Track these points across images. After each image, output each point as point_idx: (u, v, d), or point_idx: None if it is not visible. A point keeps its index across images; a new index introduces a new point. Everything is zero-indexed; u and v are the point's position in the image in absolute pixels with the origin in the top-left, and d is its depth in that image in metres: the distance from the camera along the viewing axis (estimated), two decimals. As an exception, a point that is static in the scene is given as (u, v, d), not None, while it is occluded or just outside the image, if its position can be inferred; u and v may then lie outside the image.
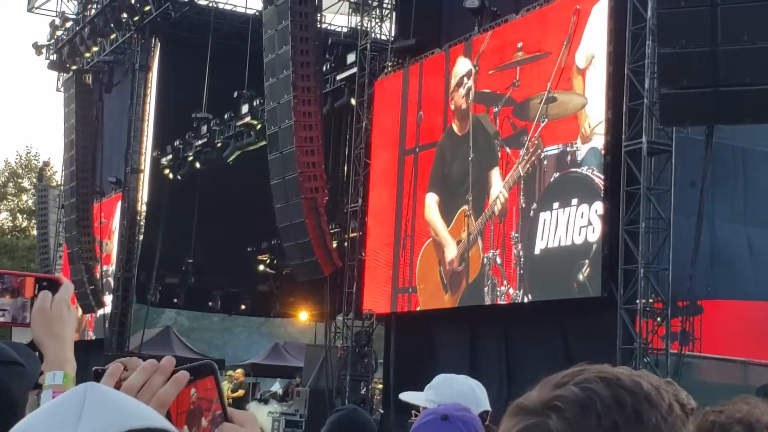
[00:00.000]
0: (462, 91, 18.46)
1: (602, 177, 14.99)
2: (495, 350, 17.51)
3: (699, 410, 1.37)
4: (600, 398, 1.30)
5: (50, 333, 2.02)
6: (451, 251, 18.28)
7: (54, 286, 2.09)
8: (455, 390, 3.73)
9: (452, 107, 18.68)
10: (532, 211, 16.29)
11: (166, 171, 28.61)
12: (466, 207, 17.96)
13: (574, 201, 15.45)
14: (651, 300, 14.11)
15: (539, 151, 16.25)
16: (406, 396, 3.91)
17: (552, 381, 1.36)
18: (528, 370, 16.42)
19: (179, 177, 28.28)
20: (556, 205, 15.84)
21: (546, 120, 16.20)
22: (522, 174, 16.57)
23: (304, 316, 29.06)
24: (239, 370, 26.75)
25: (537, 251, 16.11)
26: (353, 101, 21.82)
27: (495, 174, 17.27)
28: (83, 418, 1.06)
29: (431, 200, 19.09)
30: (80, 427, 1.04)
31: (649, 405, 1.32)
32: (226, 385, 25.56)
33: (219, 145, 26.48)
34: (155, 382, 1.41)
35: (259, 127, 24.33)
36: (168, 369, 1.42)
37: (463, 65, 18.49)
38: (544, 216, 16.03)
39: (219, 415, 1.42)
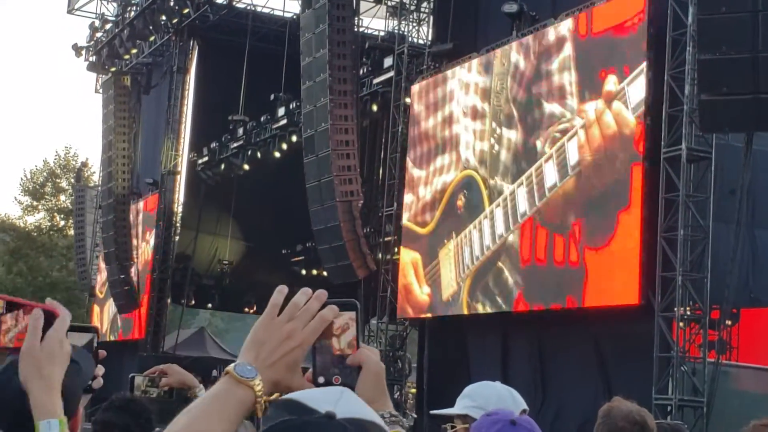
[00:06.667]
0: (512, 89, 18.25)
1: (641, 183, 14.84)
2: (528, 356, 17.39)
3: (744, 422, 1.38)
4: None
5: (38, 374, 1.97)
6: (476, 252, 18.14)
7: (50, 317, 1.99)
8: (493, 394, 3.70)
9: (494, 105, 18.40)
10: (570, 217, 16.16)
11: (202, 173, 28.79)
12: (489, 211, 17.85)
13: (612, 207, 15.32)
14: (689, 308, 13.96)
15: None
16: (439, 411, 3.86)
17: None
18: (561, 377, 16.31)
19: (215, 179, 28.43)
20: (592, 211, 15.71)
21: (584, 127, 16.06)
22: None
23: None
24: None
25: (574, 257, 15.98)
26: (390, 105, 21.79)
27: (521, 191, 17.12)
28: (340, 403, 1.44)
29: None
30: (339, 406, 1.42)
31: None
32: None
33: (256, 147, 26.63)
34: (313, 305, 1.68)
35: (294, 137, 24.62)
36: (323, 298, 1.69)
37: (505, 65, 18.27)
38: (581, 221, 15.90)
39: (353, 342, 1.74)
